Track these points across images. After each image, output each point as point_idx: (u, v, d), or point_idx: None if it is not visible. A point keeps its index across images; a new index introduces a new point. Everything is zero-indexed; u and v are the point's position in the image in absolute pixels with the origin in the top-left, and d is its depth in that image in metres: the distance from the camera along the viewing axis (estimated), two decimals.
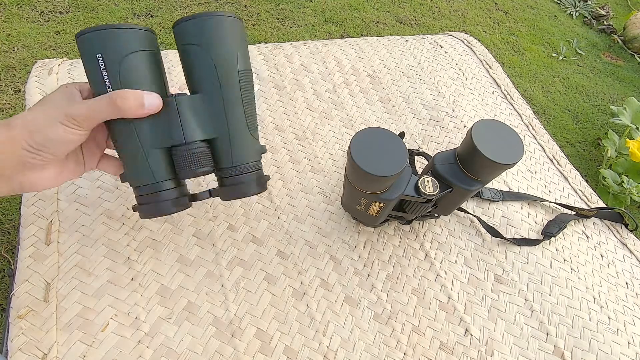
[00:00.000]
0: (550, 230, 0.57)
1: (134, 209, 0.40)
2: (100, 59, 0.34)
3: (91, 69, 0.35)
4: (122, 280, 0.44)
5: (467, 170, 0.45)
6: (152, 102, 0.34)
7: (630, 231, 0.63)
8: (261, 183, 0.42)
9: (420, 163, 0.61)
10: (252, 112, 0.40)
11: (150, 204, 0.39)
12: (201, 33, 0.36)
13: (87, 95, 0.36)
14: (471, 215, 0.57)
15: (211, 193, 0.42)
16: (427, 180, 0.45)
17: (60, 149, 0.33)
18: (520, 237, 0.57)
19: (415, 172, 0.47)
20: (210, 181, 0.54)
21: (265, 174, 0.44)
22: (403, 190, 0.44)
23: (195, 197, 0.42)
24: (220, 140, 0.39)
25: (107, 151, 0.41)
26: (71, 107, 0.33)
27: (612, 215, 0.63)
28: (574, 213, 0.61)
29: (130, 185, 0.40)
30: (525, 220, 0.59)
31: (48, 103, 0.34)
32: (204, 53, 0.36)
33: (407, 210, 0.49)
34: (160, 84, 0.37)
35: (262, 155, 0.44)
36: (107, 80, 0.34)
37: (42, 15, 1.54)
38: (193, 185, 0.54)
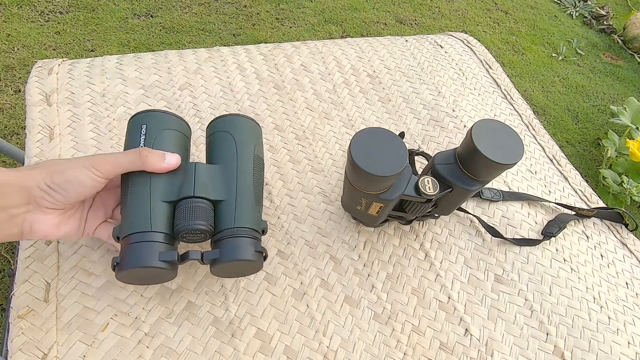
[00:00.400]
0: (550, 230, 0.57)
1: (114, 267, 0.37)
2: (145, 127, 0.42)
3: (133, 134, 0.42)
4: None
5: (467, 170, 0.45)
6: (172, 159, 0.39)
7: (630, 231, 0.63)
8: (258, 253, 0.40)
9: (420, 163, 0.61)
10: (259, 190, 0.44)
11: (137, 252, 0.36)
12: (230, 125, 0.45)
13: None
14: (471, 215, 0.57)
15: (203, 256, 0.39)
16: (427, 180, 0.45)
17: (75, 191, 0.34)
18: (520, 237, 0.57)
19: (415, 172, 0.47)
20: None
21: (265, 248, 0.42)
22: (403, 190, 0.44)
23: (185, 256, 0.39)
24: (226, 203, 0.41)
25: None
26: (97, 156, 0.36)
27: (612, 215, 0.63)
28: (574, 213, 0.61)
29: (121, 238, 0.38)
30: (525, 220, 0.59)
31: (73, 158, 0.36)
32: (229, 137, 0.44)
33: (407, 210, 0.49)
34: (185, 154, 0.44)
35: (263, 232, 0.44)
36: (142, 142, 0.41)
37: (42, 15, 1.54)
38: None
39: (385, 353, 0.45)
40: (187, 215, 0.38)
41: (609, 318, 0.52)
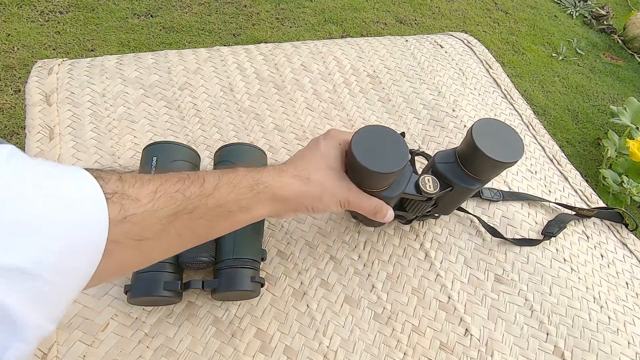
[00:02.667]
0: (551, 230, 0.57)
1: (126, 291, 0.41)
2: (155, 159, 0.45)
3: (145, 166, 0.46)
4: (122, 280, 0.44)
5: (468, 169, 0.45)
6: (390, 215, 0.44)
7: (631, 231, 0.63)
8: (255, 283, 0.43)
9: (421, 163, 0.61)
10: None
11: (144, 282, 0.41)
12: (234, 154, 0.48)
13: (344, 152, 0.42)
14: (471, 215, 0.57)
15: (204, 284, 0.43)
16: (428, 179, 0.45)
17: (319, 213, 0.42)
18: (521, 237, 0.57)
19: (415, 172, 0.47)
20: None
21: (261, 276, 0.45)
22: (403, 188, 0.44)
23: (188, 285, 0.42)
24: (227, 234, 0.43)
25: None
26: (351, 194, 0.40)
27: (612, 215, 0.63)
28: (574, 213, 0.61)
29: None
30: (525, 220, 0.59)
31: (332, 177, 0.40)
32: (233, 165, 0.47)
33: (408, 209, 0.49)
34: None
35: (263, 258, 0.47)
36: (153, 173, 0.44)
37: (42, 15, 1.54)
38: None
39: (385, 353, 0.45)
40: (191, 248, 0.41)
41: (609, 318, 0.52)
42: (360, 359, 0.44)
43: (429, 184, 0.45)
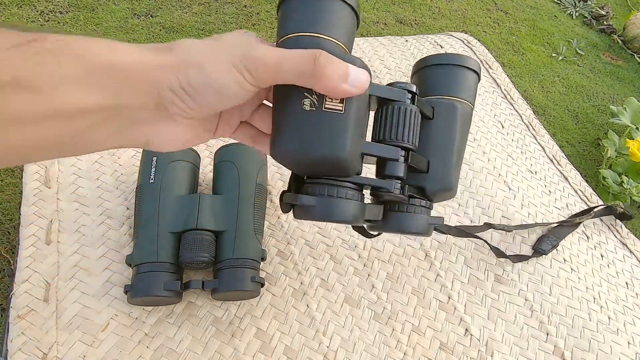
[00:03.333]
0: (543, 247, 0.55)
1: (126, 291, 0.41)
2: (155, 159, 0.45)
3: (145, 166, 0.46)
4: (122, 280, 0.44)
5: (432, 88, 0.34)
6: (357, 78, 0.25)
7: (630, 218, 0.62)
8: (255, 283, 0.43)
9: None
10: (260, 219, 0.47)
11: (144, 282, 0.40)
12: (234, 155, 0.48)
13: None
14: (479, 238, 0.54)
15: (204, 284, 0.43)
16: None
17: (214, 102, 0.24)
18: (513, 254, 0.54)
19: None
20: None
21: (261, 276, 0.45)
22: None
23: (188, 285, 0.42)
24: (227, 233, 0.44)
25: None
26: (256, 49, 0.24)
27: (604, 211, 0.62)
28: (572, 224, 0.59)
29: (132, 265, 0.42)
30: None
31: (223, 38, 0.25)
32: (233, 166, 0.47)
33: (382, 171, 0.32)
34: (192, 184, 0.47)
35: (262, 260, 0.47)
36: (153, 174, 0.44)
37: (42, 15, 1.54)
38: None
39: (385, 353, 0.45)
40: (191, 247, 0.42)
41: (609, 318, 0.52)
42: (360, 359, 0.44)
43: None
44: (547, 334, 0.49)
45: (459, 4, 2.19)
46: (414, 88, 0.30)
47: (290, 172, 0.30)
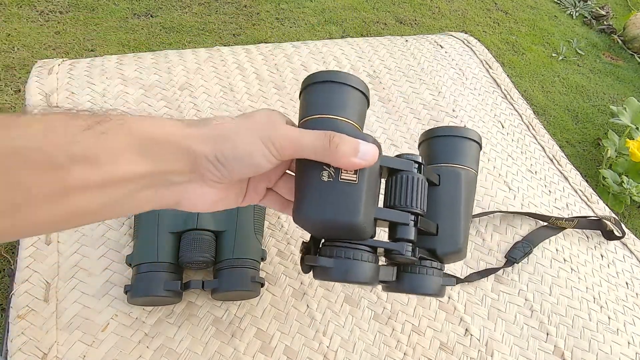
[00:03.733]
0: (514, 255, 0.54)
1: (126, 291, 0.41)
2: None
3: None
4: (122, 280, 0.44)
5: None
6: (367, 152, 0.28)
7: (618, 238, 0.59)
8: (255, 283, 0.43)
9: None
10: (260, 219, 0.46)
11: (145, 282, 0.40)
12: None
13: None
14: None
15: (204, 284, 0.43)
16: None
17: (243, 171, 0.28)
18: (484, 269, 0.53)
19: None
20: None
21: (261, 276, 0.44)
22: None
23: (188, 285, 0.43)
24: (227, 233, 0.44)
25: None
26: (278, 129, 0.28)
27: (592, 224, 0.59)
28: (545, 224, 0.58)
29: (132, 265, 0.42)
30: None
31: (252, 118, 0.29)
32: None
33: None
34: None
35: (262, 261, 0.47)
36: None
37: (42, 15, 1.54)
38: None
39: (385, 353, 0.45)
40: (190, 247, 0.42)
41: (609, 318, 0.52)
42: (360, 359, 0.44)
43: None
44: (547, 334, 0.49)
45: (459, 4, 2.19)
46: (420, 159, 0.33)
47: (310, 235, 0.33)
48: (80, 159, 0.22)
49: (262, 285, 0.45)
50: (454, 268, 0.52)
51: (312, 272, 0.32)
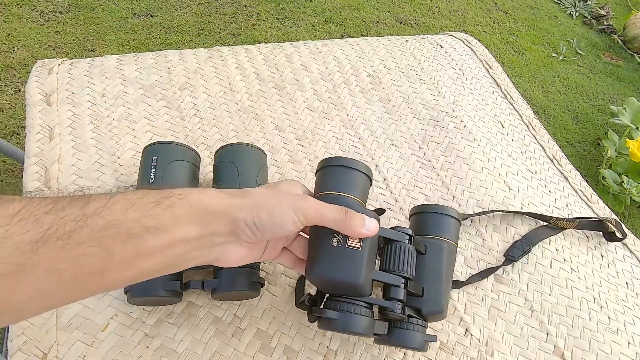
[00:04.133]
0: (513, 254, 0.54)
1: (126, 291, 0.41)
2: (155, 159, 0.45)
3: (145, 166, 0.45)
4: None
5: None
6: (371, 226, 0.36)
7: (619, 240, 0.59)
8: (255, 283, 0.43)
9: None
10: None
11: (144, 282, 0.40)
12: (233, 155, 0.48)
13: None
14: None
15: (204, 284, 0.43)
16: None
17: (273, 234, 0.33)
18: (480, 271, 0.52)
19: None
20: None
21: (261, 276, 0.44)
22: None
23: (187, 285, 0.42)
24: None
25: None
26: (305, 201, 0.34)
27: (593, 225, 0.59)
28: (545, 224, 0.58)
29: None
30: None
31: (280, 189, 0.35)
32: (232, 166, 0.47)
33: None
34: (192, 184, 0.47)
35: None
36: (153, 174, 0.44)
37: (42, 15, 1.54)
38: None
39: (385, 353, 0.45)
40: None
41: (609, 318, 0.52)
42: (360, 359, 0.44)
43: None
44: (547, 334, 0.49)
45: (459, 4, 2.19)
46: (410, 232, 0.40)
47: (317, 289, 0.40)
48: (152, 229, 0.27)
49: (262, 285, 0.44)
50: (454, 269, 0.52)
51: (317, 322, 0.39)
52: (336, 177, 0.39)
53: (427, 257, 0.41)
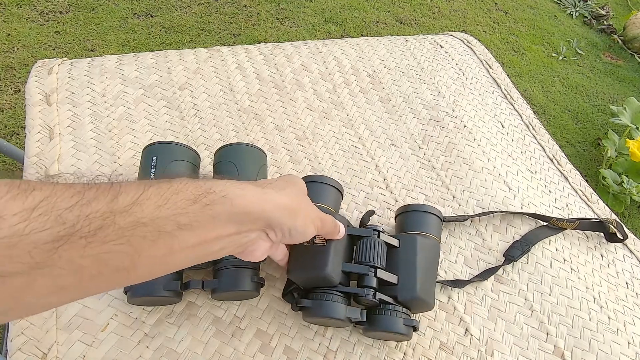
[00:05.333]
0: (512, 254, 0.54)
1: (125, 291, 0.41)
2: (155, 159, 0.45)
3: (145, 165, 0.45)
4: None
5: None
6: (342, 232, 0.42)
7: (620, 241, 0.59)
8: (255, 283, 0.43)
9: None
10: None
11: (144, 282, 0.40)
12: (233, 154, 0.48)
13: None
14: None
15: (204, 284, 0.43)
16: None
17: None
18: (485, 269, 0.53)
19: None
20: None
21: (261, 276, 0.44)
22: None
23: (187, 285, 0.42)
24: None
25: None
26: (325, 216, 0.38)
27: (593, 226, 0.59)
28: (546, 224, 0.58)
29: None
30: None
31: (301, 188, 0.36)
32: (232, 166, 0.47)
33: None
34: None
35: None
36: (153, 174, 0.44)
37: (42, 15, 1.54)
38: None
39: (385, 353, 0.45)
40: None
41: (609, 318, 0.52)
42: (360, 359, 0.44)
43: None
44: (547, 334, 0.49)
45: (459, 4, 2.19)
46: (379, 228, 0.44)
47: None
48: (186, 227, 0.26)
49: (262, 285, 0.44)
50: (454, 269, 0.52)
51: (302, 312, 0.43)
52: (313, 191, 0.44)
53: (401, 249, 0.45)
